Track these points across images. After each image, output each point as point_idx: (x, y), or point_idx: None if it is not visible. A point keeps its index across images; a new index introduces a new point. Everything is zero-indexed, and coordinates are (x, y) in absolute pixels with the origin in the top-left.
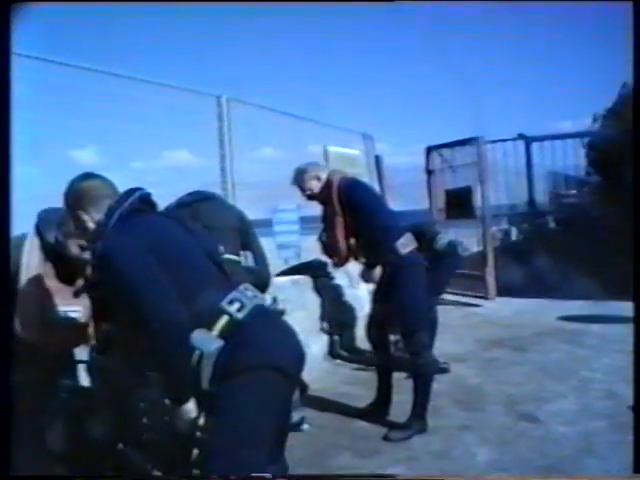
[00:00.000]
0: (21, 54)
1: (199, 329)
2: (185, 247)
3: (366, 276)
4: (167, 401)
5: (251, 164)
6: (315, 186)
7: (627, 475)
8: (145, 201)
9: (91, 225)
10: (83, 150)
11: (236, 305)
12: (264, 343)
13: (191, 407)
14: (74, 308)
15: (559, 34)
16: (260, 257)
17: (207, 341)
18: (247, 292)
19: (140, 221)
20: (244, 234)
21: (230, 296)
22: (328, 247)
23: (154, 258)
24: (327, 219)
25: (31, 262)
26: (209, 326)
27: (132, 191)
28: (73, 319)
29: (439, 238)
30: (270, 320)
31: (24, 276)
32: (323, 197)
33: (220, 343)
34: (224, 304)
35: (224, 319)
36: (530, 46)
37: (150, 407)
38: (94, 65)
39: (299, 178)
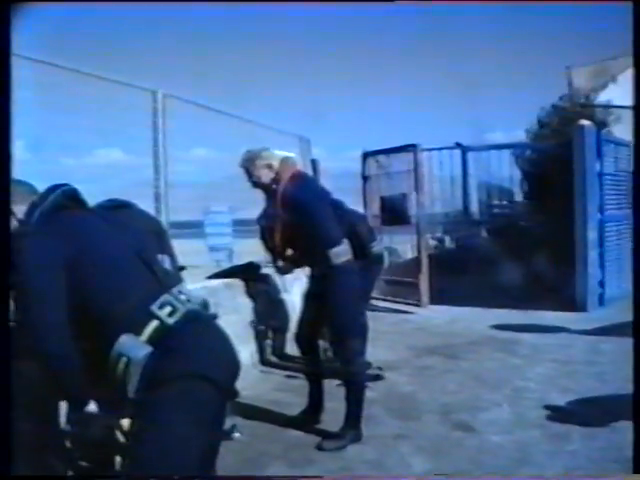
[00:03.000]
0: None
1: (126, 334)
2: (113, 246)
3: (282, 269)
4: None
5: (183, 164)
6: (265, 175)
7: (627, 475)
8: (70, 197)
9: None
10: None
11: (167, 309)
12: (195, 351)
13: (97, 415)
14: None
15: (495, 44)
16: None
17: (135, 347)
18: (180, 296)
19: (63, 219)
20: (161, 239)
21: (161, 299)
22: (266, 239)
23: (72, 259)
24: (268, 211)
25: None
26: (137, 331)
27: (55, 187)
28: None
29: (373, 245)
30: (204, 327)
31: None
32: (270, 188)
33: (148, 349)
34: (154, 308)
35: (154, 324)
36: (466, 58)
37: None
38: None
39: (249, 163)
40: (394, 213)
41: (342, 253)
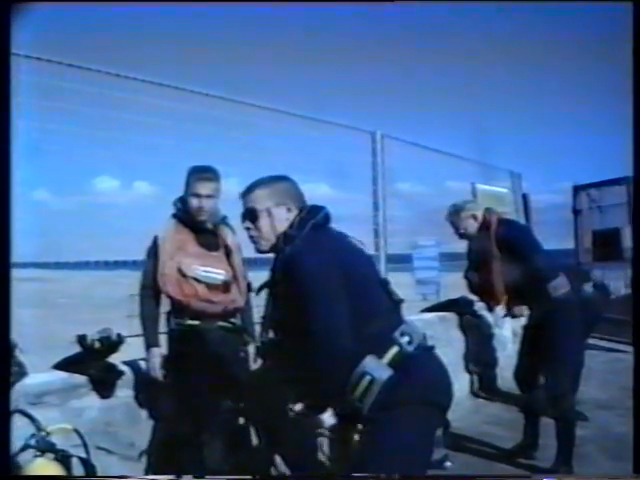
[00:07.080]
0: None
1: (370, 355)
2: (364, 271)
3: (513, 311)
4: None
5: (392, 198)
6: (471, 225)
7: (627, 475)
8: (329, 220)
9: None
10: (226, 180)
11: (406, 338)
12: (429, 379)
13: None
14: (215, 270)
15: None
16: None
17: (379, 368)
18: (414, 327)
19: (331, 237)
20: None
21: (402, 328)
22: (479, 288)
23: (339, 277)
24: (479, 259)
25: (167, 236)
26: (379, 353)
27: (320, 207)
28: (211, 277)
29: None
30: (432, 357)
31: (163, 245)
32: (478, 237)
33: (390, 372)
34: (396, 335)
35: (394, 349)
36: None
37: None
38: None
39: (455, 216)
40: (606, 248)
41: (560, 285)
